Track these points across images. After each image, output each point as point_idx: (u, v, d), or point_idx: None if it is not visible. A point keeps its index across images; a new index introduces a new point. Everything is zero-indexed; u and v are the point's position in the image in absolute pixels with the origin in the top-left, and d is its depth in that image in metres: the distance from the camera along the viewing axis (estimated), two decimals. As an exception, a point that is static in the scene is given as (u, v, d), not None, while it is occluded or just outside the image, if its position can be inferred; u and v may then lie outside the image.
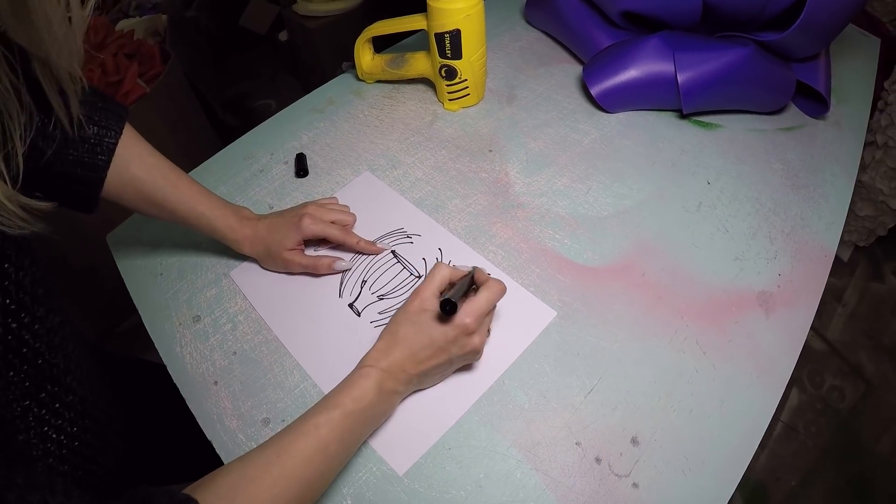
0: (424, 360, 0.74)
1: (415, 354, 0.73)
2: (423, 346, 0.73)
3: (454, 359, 0.76)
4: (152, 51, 2.11)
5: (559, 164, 1.11)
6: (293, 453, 0.62)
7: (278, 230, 0.92)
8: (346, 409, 0.67)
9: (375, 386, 0.70)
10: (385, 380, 0.71)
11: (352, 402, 0.68)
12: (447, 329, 0.73)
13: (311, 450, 0.63)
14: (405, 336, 0.74)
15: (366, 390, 0.70)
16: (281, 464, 0.61)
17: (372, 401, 0.70)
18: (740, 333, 0.88)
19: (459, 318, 0.73)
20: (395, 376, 0.73)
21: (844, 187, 1.09)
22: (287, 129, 1.21)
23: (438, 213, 1.03)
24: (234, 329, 0.90)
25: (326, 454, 0.64)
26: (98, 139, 0.78)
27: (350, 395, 0.69)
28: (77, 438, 0.66)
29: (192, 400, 0.83)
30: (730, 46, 1.10)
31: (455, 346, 0.75)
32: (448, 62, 1.13)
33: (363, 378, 0.70)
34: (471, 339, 0.75)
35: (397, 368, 0.73)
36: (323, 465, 0.64)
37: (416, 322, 0.74)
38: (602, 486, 0.73)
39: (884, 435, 1.97)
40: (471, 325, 0.74)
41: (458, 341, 0.74)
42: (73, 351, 0.69)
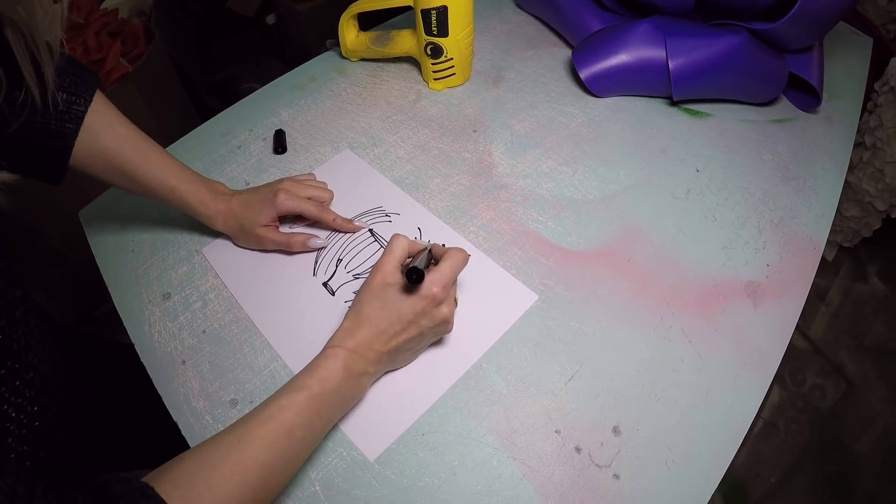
0: (394, 337, 0.71)
1: (383, 332, 0.71)
2: (391, 323, 0.71)
3: (425, 332, 0.74)
4: (136, 30, 2.08)
5: (545, 147, 1.09)
6: (255, 438, 0.59)
7: (252, 206, 0.89)
8: (312, 392, 0.65)
9: (342, 367, 0.68)
10: (353, 360, 0.69)
11: (318, 384, 0.65)
12: (415, 301, 0.71)
13: (275, 434, 0.60)
14: (371, 313, 0.71)
15: (332, 372, 0.67)
16: (241, 449, 0.58)
17: (339, 383, 0.67)
18: (727, 323, 0.86)
19: (426, 289, 0.71)
20: (364, 356, 0.70)
21: (835, 181, 1.08)
22: (267, 105, 1.18)
23: (419, 193, 1.01)
24: (205, 307, 0.88)
25: (291, 438, 0.62)
26: (66, 106, 0.75)
27: (316, 376, 0.66)
28: (37, 418, 0.63)
29: (159, 380, 0.80)
30: (722, 34, 1.08)
31: (425, 318, 0.72)
32: (434, 39, 1.11)
33: (329, 359, 0.68)
34: (440, 310, 0.73)
35: (365, 347, 0.70)
36: (287, 449, 0.61)
37: (380, 297, 0.72)
38: (581, 476, 0.71)
39: (863, 435, 1.97)
40: (439, 294, 0.71)
41: (428, 313, 0.72)
42: (35, 327, 0.66)
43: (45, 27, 0.59)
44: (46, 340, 0.70)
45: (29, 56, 0.62)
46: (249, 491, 0.57)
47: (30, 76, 0.63)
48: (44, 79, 0.65)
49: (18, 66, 0.62)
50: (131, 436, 1.03)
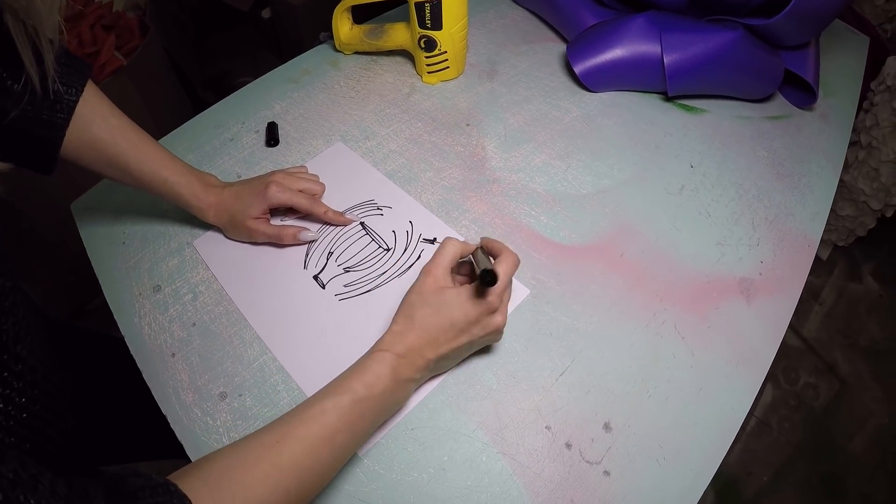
0: (444, 344, 0.69)
1: (434, 339, 0.69)
2: (442, 329, 0.69)
3: (475, 340, 0.72)
4: (131, 23, 2.07)
5: (538, 141, 1.08)
6: (295, 440, 0.57)
7: (243, 198, 0.88)
8: (357, 395, 0.62)
9: (389, 372, 0.65)
10: (401, 366, 0.67)
11: (364, 388, 0.63)
12: (469, 309, 0.68)
13: (316, 437, 0.58)
14: (422, 318, 0.68)
15: (380, 376, 0.65)
16: (279, 450, 0.56)
17: (386, 388, 0.65)
18: (720, 320, 0.86)
19: (481, 296, 0.69)
20: (413, 362, 0.68)
21: (830, 179, 1.08)
22: (260, 98, 1.17)
23: (411, 186, 1.00)
24: (195, 300, 0.87)
25: (332, 443, 0.60)
26: (58, 96, 0.74)
27: (362, 380, 0.64)
28: (25, 409, 0.63)
29: (149, 372, 0.80)
30: (718, 29, 1.08)
31: (477, 327, 0.70)
32: (428, 33, 1.10)
33: (377, 363, 0.66)
34: (493, 318, 0.71)
35: (415, 354, 0.68)
36: (327, 454, 0.59)
37: (433, 303, 0.69)
38: (572, 472, 0.71)
39: (856, 434, 1.97)
40: (494, 303, 0.69)
41: (481, 321, 0.70)
42: (24, 318, 0.66)
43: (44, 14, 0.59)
44: (35, 332, 0.69)
45: (29, 43, 0.61)
46: (284, 495, 0.55)
47: (30, 63, 0.63)
48: (44, 65, 0.65)
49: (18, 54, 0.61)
50: (121, 429, 1.02)
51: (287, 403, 0.76)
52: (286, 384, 0.77)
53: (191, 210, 0.89)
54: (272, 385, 0.77)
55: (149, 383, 0.79)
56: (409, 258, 0.90)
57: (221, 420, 0.74)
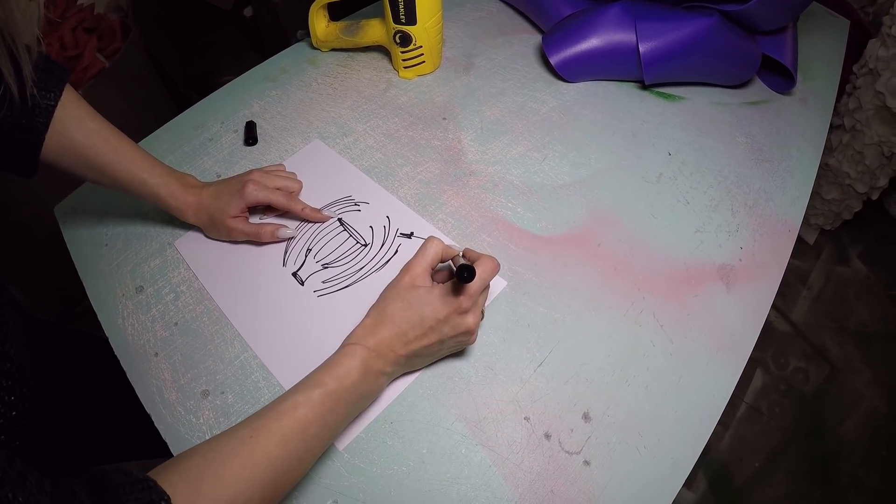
0: (414, 340, 0.70)
1: (404, 333, 0.69)
2: (412, 325, 0.69)
3: (446, 340, 0.72)
4: (113, 25, 2.06)
5: (515, 133, 1.08)
6: (268, 433, 0.58)
7: (222, 198, 0.89)
8: (328, 389, 0.63)
9: (360, 364, 0.66)
10: (371, 359, 0.67)
11: (334, 381, 0.64)
12: (439, 307, 0.69)
13: (288, 430, 0.59)
14: (394, 313, 0.70)
15: (350, 369, 0.65)
16: (253, 444, 0.57)
17: (356, 380, 0.66)
18: (700, 307, 0.86)
19: (451, 297, 0.70)
20: (383, 355, 0.69)
21: (810, 163, 1.08)
22: (239, 97, 1.17)
23: (388, 181, 1.00)
24: (177, 299, 0.87)
25: (305, 436, 0.60)
26: (36, 101, 0.75)
27: (332, 373, 0.65)
28: (14, 408, 0.64)
29: (133, 372, 0.80)
30: (693, 16, 1.08)
31: (447, 326, 0.70)
32: (402, 28, 1.10)
33: (347, 356, 0.66)
34: (464, 319, 0.71)
35: (385, 347, 0.69)
36: (301, 446, 0.60)
37: (405, 298, 0.70)
38: (551, 463, 0.71)
39: (847, 418, 1.98)
40: (464, 303, 0.70)
41: (451, 321, 0.70)
42: (11, 318, 0.66)
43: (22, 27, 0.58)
44: (22, 333, 0.70)
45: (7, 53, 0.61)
46: (259, 486, 0.56)
47: (8, 73, 0.63)
48: (22, 74, 0.65)
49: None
50: (108, 428, 1.03)
51: (268, 399, 0.76)
52: (267, 381, 0.78)
53: (170, 210, 0.89)
54: (253, 382, 0.78)
55: (133, 383, 0.79)
56: (387, 253, 0.90)
57: (204, 417, 0.75)
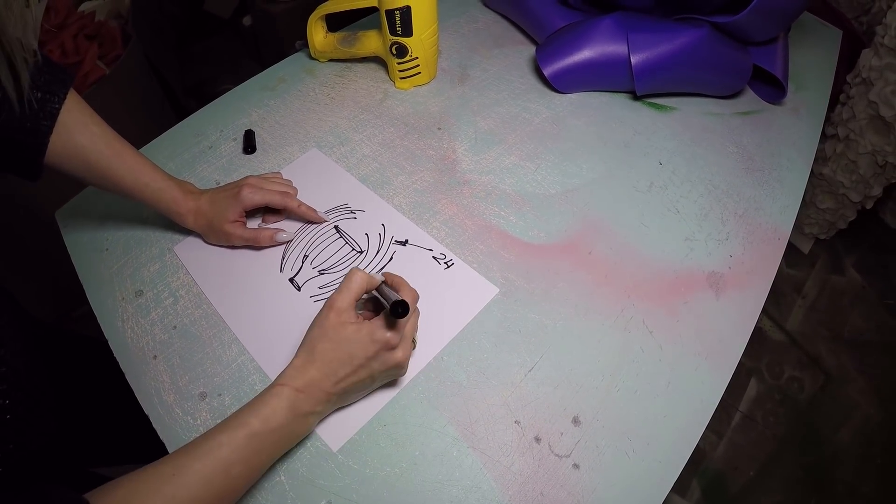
0: (344, 378, 0.69)
1: (333, 372, 0.69)
2: (341, 364, 0.69)
3: (376, 375, 0.72)
4: (113, 32, 2.06)
5: (508, 143, 1.10)
6: (190, 472, 0.58)
7: (220, 203, 0.90)
8: (252, 430, 0.63)
9: (287, 406, 0.66)
10: (299, 400, 0.67)
11: (259, 423, 0.64)
12: (368, 345, 0.69)
13: (210, 470, 0.59)
14: (322, 353, 0.69)
15: (276, 410, 0.65)
16: (175, 483, 0.57)
17: (282, 422, 0.65)
18: (689, 314, 0.87)
19: (380, 334, 0.69)
20: (313, 396, 0.68)
21: (801, 172, 1.09)
22: (238, 106, 1.18)
23: (383, 190, 1.02)
24: (176, 303, 0.88)
25: (228, 476, 0.60)
26: (41, 104, 0.76)
27: (258, 414, 0.64)
28: (9, 411, 0.65)
29: (132, 374, 0.81)
30: (684, 28, 1.09)
31: (376, 362, 0.70)
32: (399, 39, 1.11)
33: (274, 397, 0.66)
34: (393, 355, 0.71)
35: (314, 388, 0.68)
36: (223, 486, 0.60)
37: (332, 338, 0.69)
38: (541, 466, 0.72)
39: (842, 426, 1.98)
40: (392, 340, 0.70)
41: (380, 357, 0.70)
42: (7, 322, 0.67)
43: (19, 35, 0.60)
44: (19, 336, 0.71)
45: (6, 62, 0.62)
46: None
47: (7, 80, 0.64)
48: (20, 82, 0.66)
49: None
50: (105, 431, 1.03)
51: (264, 401, 0.77)
52: (263, 383, 0.79)
53: (170, 215, 0.90)
54: (250, 384, 0.79)
55: (132, 385, 0.80)
56: (382, 260, 0.92)
57: (202, 419, 0.76)
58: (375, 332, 0.69)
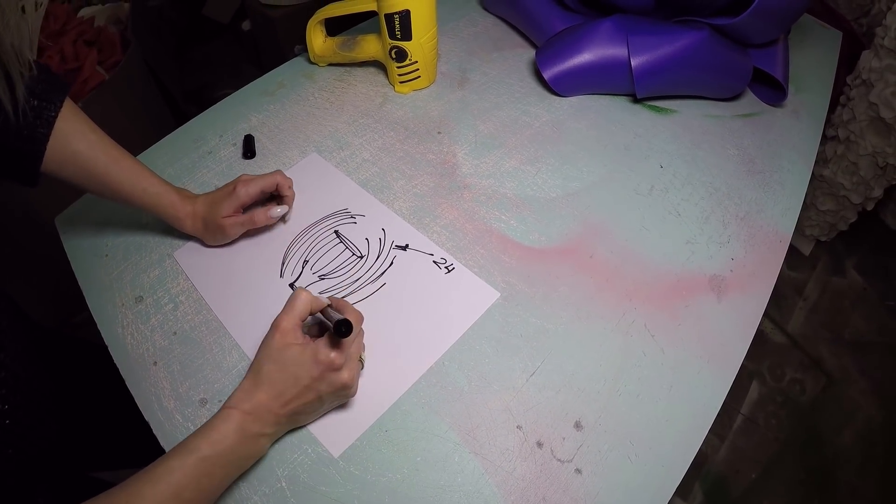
0: (291, 401, 0.69)
1: (280, 394, 0.68)
2: (287, 386, 0.68)
3: (324, 396, 0.71)
4: (113, 38, 2.07)
5: (508, 147, 1.09)
6: (142, 498, 0.58)
7: (215, 203, 0.90)
8: (202, 454, 0.62)
9: (236, 429, 0.65)
10: (248, 422, 0.66)
11: (208, 447, 0.63)
12: (311, 367, 0.68)
13: (162, 496, 0.59)
14: (268, 374, 0.68)
15: (224, 434, 0.64)
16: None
17: (231, 445, 0.65)
18: (691, 317, 0.87)
19: (323, 354, 0.68)
20: (261, 418, 0.67)
21: (802, 174, 1.09)
22: (237, 111, 1.18)
23: (383, 194, 1.01)
24: (176, 309, 0.88)
25: (179, 500, 0.60)
26: (38, 112, 0.76)
27: (208, 438, 0.64)
28: (9, 416, 0.65)
29: (132, 380, 0.81)
30: (684, 30, 1.09)
31: (323, 384, 0.69)
32: (398, 43, 1.11)
33: (223, 421, 0.65)
34: (339, 376, 0.70)
35: (263, 410, 0.67)
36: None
37: (277, 359, 0.68)
38: (543, 471, 0.72)
39: (844, 428, 1.97)
40: (336, 360, 0.69)
41: (326, 378, 0.69)
42: (7, 326, 0.67)
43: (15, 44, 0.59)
44: (19, 339, 0.71)
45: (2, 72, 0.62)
46: None
47: (3, 91, 0.64)
48: (15, 93, 0.66)
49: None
50: (105, 435, 1.03)
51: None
52: (263, 389, 0.78)
53: (168, 220, 0.90)
54: (250, 391, 0.78)
55: (132, 391, 0.80)
56: (382, 265, 0.92)
57: (202, 426, 0.76)
58: (319, 352, 0.69)
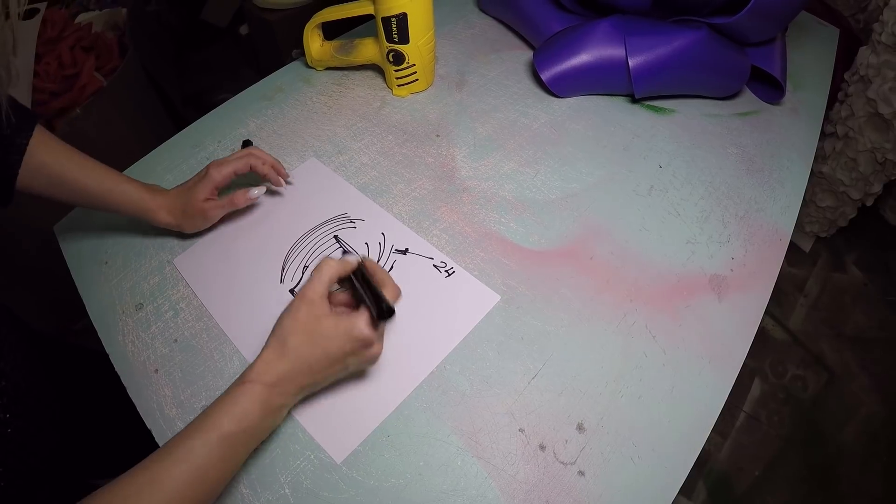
0: (319, 371, 0.69)
1: (308, 367, 0.68)
2: (317, 360, 0.68)
3: (350, 367, 0.72)
4: (110, 44, 2.07)
5: (507, 149, 1.09)
6: (167, 479, 0.57)
7: (189, 190, 0.91)
8: (224, 431, 0.62)
9: (260, 404, 0.65)
10: (272, 396, 0.66)
11: (232, 424, 0.62)
12: (345, 342, 0.68)
13: (186, 476, 0.58)
14: (297, 348, 0.67)
15: (248, 410, 0.64)
16: (152, 491, 0.56)
17: (255, 421, 0.64)
18: (691, 318, 0.87)
19: (359, 331, 0.68)
20: (286, 390, 0.67)
21: (801, 172, 1.09)
22: (235, 116, 1.18)
23: (382, 198, 1.01)
24: (176, 316, 0.88)
25: (204, 480, 0.60)
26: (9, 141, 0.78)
27: (230, 413, 0.63)
28: (9, 425, 0.65)
29: (133, 388, 0.81)
30: (682, 30, 1.09)
31: (353, 358, 0.70)
32: (395, 47, 1.11)
33: (245, 395, 0.64)
34: (370, 351, 0.70)
35: (287, 382, 0.67)
36: (200, 490, 0.59)
37: (307, 332, 0.67)
38: (546, 473, 0.72)
39: (846, 424, 1.97)
40: (371, 337, 0.69)
41: (358, 353, 0.70)
42: (7, 335, 0.67)
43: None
44: (19, 348, 0.71)
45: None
46: None
47: None
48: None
49: None
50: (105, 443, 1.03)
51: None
52: (265, 395, 0.78)
53: (141, 214, 0.90)
54: (252, 397, 0.78)
55: (133, 399, 0.80)
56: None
57: (204, 433, 0.76)
58: (354, 328, 0.68)
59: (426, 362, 0.82)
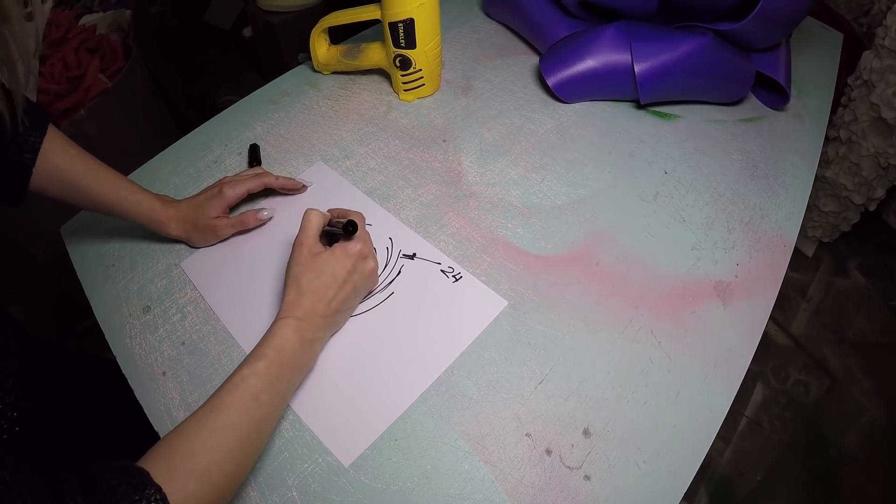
0: (333, 298, 0.78)
1: (324, 296, 0.77)
2: (328, 286, 0.77)
3: (358, 286, 0.81)
4: (115, 46, 2.07)
5: (513, 154, 1.10)
6: (225, 406, 0.64)
7: (201, 205, 0.93)
8: (270, 359, 0.69)
9: (295, 333, 0.73)
10: (303, 328, 0.74)
11: (274, 352, 0.70)
12: (345, 261, 0.79)
13: (243, 400, 0.65)
14: (310, 283, 0.77)
15: (286, 339, 0.72)
16: (213, 417, 0.62)
17: (293, 349, 0.72)
18: (697, 324, 0.87)
19: (352, 248, 0.79)
20: (312, 322, 0.76)
21: (805, 178, 1.09)
22: (242, 120, 1.18)
23: (390, 203, 1.02)
24: (184, 319, 0.89)
25: (259, 403, 0.66)
26: (24, 139, 0.79)
27: (271, 344, 0.71)
28: (18, 423, 0.65)
29: (140, 391, 0.81)
30: (687, 36, 1.09)
31: (356, 274, 0.80)
32: (402, 52, 1.12)
33: (281, 328, 0.73)
34: (367, 263, 0.82)
35: (311, 314, 0.76)
36: (257, 413, 0.66)
37: (313, 269, 0.77)
38: (553, 478, 0.72)
39: (848, 430, 1.97)
40: (364, 249, 0.81)
41: (357, 267, 0.80)
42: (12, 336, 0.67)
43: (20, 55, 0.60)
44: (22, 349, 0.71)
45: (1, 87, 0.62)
46: (227, 454, 0.61)
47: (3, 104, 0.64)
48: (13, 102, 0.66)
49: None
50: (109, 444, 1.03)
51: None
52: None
53: (152, 225, 0.92)
54: (259, 400, 0.79)
55: (141, 402, 0.80)
56: (390, 274, 0.92)
57: (212, 436, 0.76)
58: (346, 248, 0.80)
59: (434, 367, 0.82)
